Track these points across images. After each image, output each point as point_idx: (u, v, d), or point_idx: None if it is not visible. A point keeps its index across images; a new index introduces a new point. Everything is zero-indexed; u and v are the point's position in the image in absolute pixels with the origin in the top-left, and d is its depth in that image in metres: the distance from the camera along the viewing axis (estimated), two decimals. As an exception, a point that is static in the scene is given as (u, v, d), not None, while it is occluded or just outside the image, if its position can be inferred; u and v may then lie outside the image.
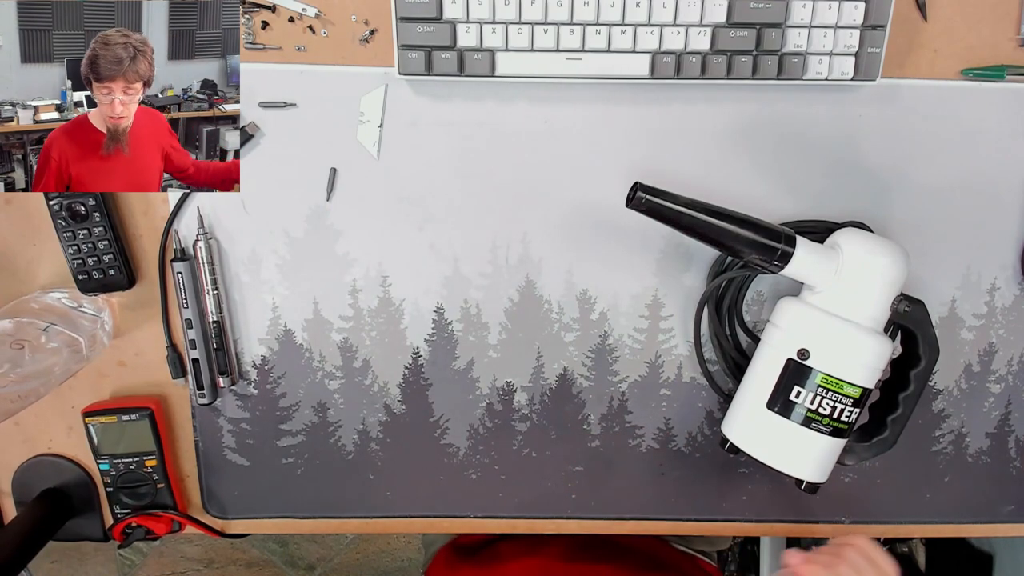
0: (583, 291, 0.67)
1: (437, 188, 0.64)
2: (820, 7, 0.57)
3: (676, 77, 0.59)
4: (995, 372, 0.70)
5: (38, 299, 0.64)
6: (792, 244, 0.56)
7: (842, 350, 0.57)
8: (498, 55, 0.58)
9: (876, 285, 0.57)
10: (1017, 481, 0.73)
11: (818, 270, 0.57)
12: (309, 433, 0.70)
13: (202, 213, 0.64)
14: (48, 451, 0.71)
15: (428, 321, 0.67)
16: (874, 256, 0.57)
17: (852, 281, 0.57)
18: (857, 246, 0.57)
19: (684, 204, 0.55)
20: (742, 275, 0.66)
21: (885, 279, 0.57)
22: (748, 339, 0.68)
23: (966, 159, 0.64)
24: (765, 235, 0.56)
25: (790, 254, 0.56)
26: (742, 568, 1.34)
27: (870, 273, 0.57)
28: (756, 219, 0.56)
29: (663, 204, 0.55)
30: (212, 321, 0.65)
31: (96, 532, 0.73)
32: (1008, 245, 0.66)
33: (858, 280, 0.57)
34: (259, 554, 1.70)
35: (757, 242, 0.56)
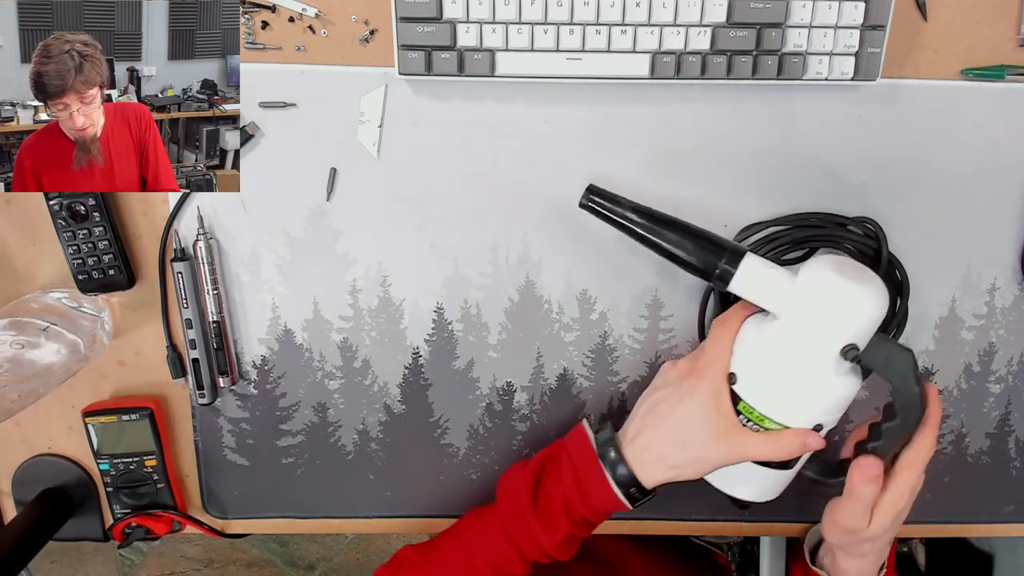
0: (583, 291, 0.67)
1: (437, 188, 0.64)
2: (820, 7, 0.57)
3: (676, 77, 0.59)
4: (995, 372, 0.70)
5: (38, 299, 0.64)
6: (735, 263, 0.52)
7: (768, 384, 0.53)
8: (498, 55, 0.58)
9: (825, 326, 0.51)
10: (1017, 481, 0.73)
11: (765, 295, 0.53)
12: (309, 433, 0.70)
13: (202, 213, 0.64)
14: (48, 451, 0.71)
15: (428, 321, 0.67)
16: (830, 295, 0.51)
17: (802, 315, 0.52)
18: (814, 279, 0.52)
19: (629, 209, 0.54)
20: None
21: (837, 322, 0.50)
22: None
23: (966, 159, 0.64)
24: (708, 251, 0.53)
25: (731, 274, 0.53)
26: (742, 568, 1.34)
27: (821, 313, 0.51)
28: (705, 232, 0.54)
29: (609, 208, 0.54)
30: (212, 321, 0.65)
31: (96, 532, 0.73)
32: (1008, 245, 0.66)
33: (808, 316, 0.51)
34: (259, 554, 1.70)
35: (696, 256, 0.53)
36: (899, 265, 0.65)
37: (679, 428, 0.53)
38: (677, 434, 0.53)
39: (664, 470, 0.53)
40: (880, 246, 0.63)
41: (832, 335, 0.51)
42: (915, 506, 0.73)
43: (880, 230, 0.64)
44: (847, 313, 0.50)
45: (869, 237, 0.64)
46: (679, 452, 0.53)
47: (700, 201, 0.64)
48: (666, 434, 0.53)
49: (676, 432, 0.53)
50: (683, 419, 0.53)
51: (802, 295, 0.51)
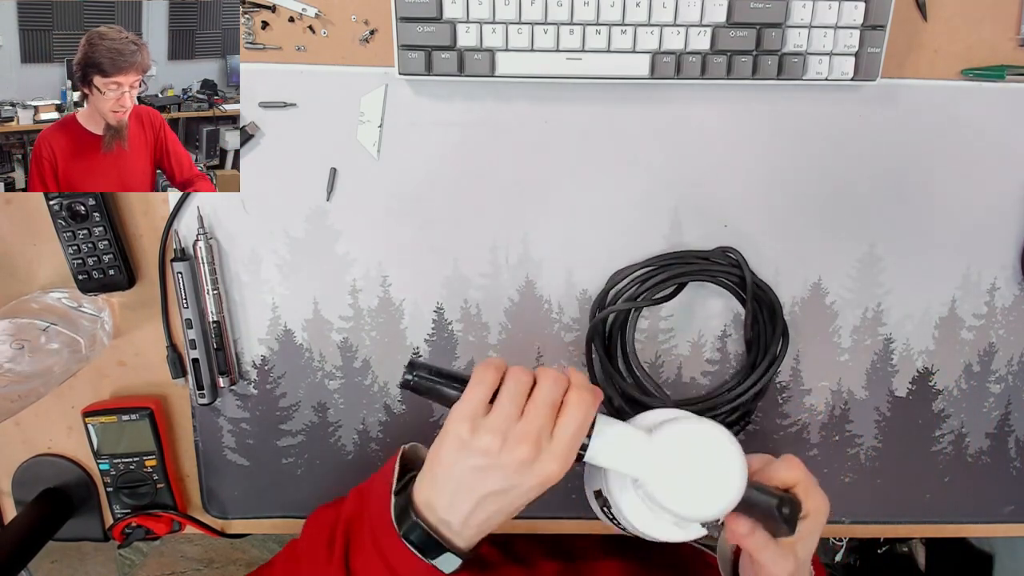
0: (583, 291, 0.67)
1: (437, 188, 0.64)
2: (820, 7, 0.57)
3: (676, 77, 0.59)
4: (995, 372, 0.70)
5: (38, 299, 0.64)
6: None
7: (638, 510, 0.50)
8: (498, 55, 0.58)
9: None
10: (1017, 481, 0.73)
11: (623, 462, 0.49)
12: (309, 433, 0.70)
13: (202, 213, 0.64)
14: (48, 451, 0.71)
15: (428, 321, 0.67)
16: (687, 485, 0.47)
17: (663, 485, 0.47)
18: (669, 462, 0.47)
19: (448, 380, 0.50)
20: (624, 308, 0.65)
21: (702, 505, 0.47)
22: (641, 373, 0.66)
23: (966, 159, 0.64)
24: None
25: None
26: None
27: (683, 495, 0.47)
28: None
29: (428, 383, 0.49)
30: (212, 321, 0.65)
31: (96, 532, 0.73)
32: (1008, 245, 0.66)
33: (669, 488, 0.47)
34: (259, 554, 1.70)
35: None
36: (767, 288, 0.65)
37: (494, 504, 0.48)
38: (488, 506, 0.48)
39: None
40: (743, 272, 0.64)
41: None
42: (915, 506, 0.73)
43: (741, 257, 0.64)
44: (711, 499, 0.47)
45: (733, 265, 0.64)
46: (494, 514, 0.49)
47: (700, 201, 0.65)
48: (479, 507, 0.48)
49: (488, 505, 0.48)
50: (509, 502, 0.48)
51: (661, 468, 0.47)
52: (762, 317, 0.65)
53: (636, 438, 0.48)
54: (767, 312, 0.66)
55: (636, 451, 0.48)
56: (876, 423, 0.71)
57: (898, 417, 0.71)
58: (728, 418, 0.68)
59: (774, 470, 0.50)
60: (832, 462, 0.72)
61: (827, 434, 0.71)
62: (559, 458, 0.46)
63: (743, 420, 0.68)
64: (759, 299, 0.65)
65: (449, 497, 0.48)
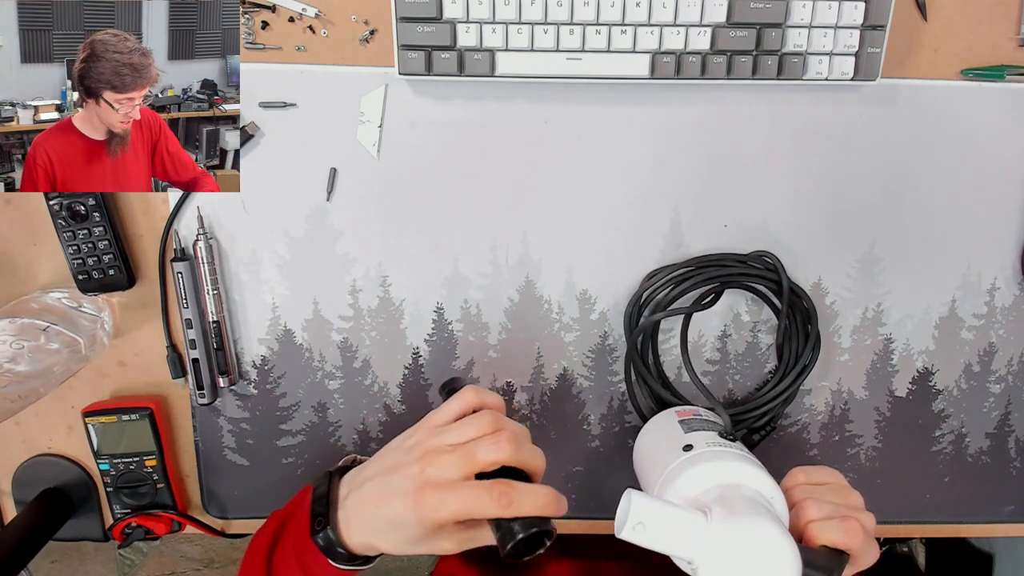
0: (583, 291, 0.67)
1: (437, 188, 0.64)
2: (820, 7, 0.57)
3: (676, 77, 0.59)
4: (995, 372, 0.70)
5: (38, 299, 0.64)
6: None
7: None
8: (498, 55, 0.58)
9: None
10: (1017, 481, 0.73)
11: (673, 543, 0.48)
12: (309, 433, 0.70)
13: (202, 213, 0.64)
14: (48, 451, 0.71)
15: (428, 321, 0.67)
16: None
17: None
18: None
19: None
20: (677, 313, 0.65)
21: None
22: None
23: (966, 159, 0.64)
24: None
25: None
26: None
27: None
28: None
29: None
30: (212, 321, 0.65)
31: (96, 532, 0.73)
32: (1008, 245, 0.66)
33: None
34: (259, 554, 1.69)
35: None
36: (803, 294, 0.65)
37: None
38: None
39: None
40: (780, 277, 0.64)
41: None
42: (915, 506, 0.73)
43: (778, 261, 0.64)
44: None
45: (769, 269, 0.64)
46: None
47: (700, 201, 0.65)
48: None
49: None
50: (403, 521, 0.47)
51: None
52: (795, 323, 0.66)
53: (692, 522, 0.48)
54: (800, 318, 0.66)
55: (692, 536, 0.48)
56: (876, 423, 0.71)
57: (898, 417, 0.71)
58: (754, 424, 0.68)
59: (832, 531, 0.49)
60: (832, 462, 0.72)
61: (827, 434, 0.71)
62: (447, 503, 0.45)
63: (769, 425, 0.68)
64: (794, 305, 0.65)
65: (362, 490, 0.49)
